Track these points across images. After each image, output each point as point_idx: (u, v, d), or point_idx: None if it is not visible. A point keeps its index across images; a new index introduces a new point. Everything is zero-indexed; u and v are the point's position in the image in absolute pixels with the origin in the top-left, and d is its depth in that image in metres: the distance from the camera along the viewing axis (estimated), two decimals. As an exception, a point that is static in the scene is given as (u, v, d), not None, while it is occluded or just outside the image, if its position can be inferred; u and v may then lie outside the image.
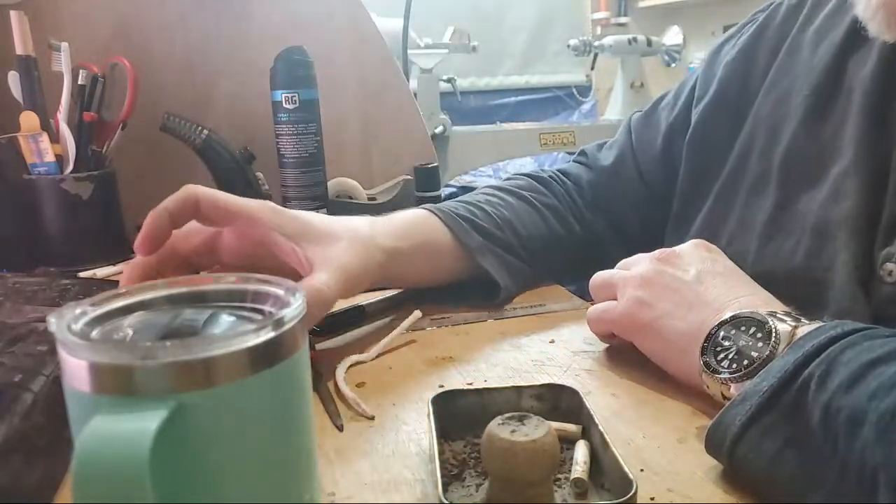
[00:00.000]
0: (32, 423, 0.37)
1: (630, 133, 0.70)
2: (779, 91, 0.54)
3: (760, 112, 0.55)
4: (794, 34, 0.55)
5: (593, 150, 0.74)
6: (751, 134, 0.55)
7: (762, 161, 0.53)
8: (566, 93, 2.66)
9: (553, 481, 0.34)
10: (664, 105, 0.68)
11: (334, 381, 0.46)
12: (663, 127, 0.66)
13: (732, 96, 0.58)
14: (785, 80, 0.54)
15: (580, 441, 0.36)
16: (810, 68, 0.51)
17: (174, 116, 0.92)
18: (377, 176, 1.11)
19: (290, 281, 0.31)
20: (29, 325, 0.49)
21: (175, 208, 0.47)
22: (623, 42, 2.10)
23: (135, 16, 0.98)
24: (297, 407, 0.29)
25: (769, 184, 0.52)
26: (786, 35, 0.55)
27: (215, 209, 0.48)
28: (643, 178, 0.67)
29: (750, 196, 0.54)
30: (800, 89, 0.52)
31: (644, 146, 0.68)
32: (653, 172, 0.67)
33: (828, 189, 0.47)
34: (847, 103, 0.48)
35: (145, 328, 0.29)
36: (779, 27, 0.57)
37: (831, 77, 0.50)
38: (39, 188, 0.79)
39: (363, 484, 0.35)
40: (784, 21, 0.56)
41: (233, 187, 0.94)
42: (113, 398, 0.24)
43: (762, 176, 0.53)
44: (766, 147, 0.53)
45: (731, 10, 2.31)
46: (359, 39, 1.09)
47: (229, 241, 0.50)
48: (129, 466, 0.22)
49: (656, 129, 0.67)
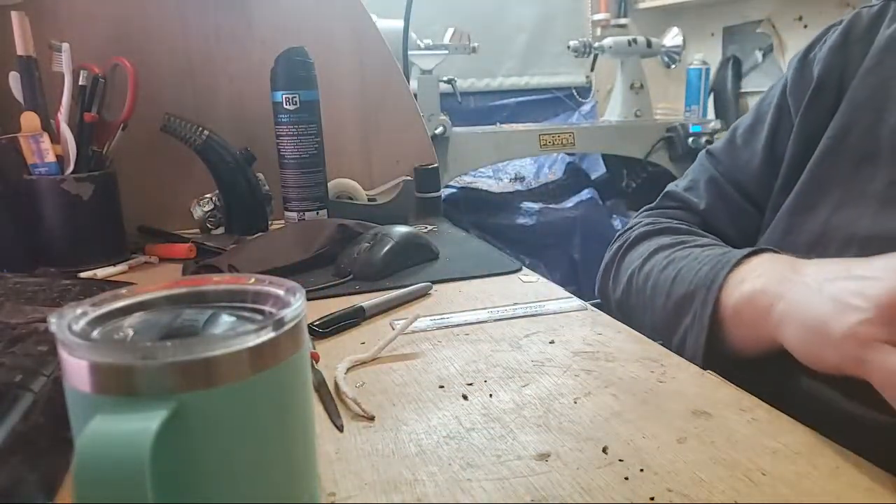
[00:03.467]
0: (33, 423, 0.37)
1: (712, 166, 0.70)
2: (876, 78, 0.57)
3: (856, 97, 0.58)
4: (883, 32, 0.59)
5: (679, 194, 0.72)
6: (848, 116, 0.58)
7: (867, 139, 0.56)
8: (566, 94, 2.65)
9: None
10: (745, 131, 0.68)
11: (334, 381, 0.46)
12: (758, 148, 0.66)
13: (830, 86, 0.61)
14: (880, 68, 0.57)
15: None
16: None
17: (175, 117, 0.92)
18: (377, 177, 1.12)
19: (290, 281, 0.31)
20: (29, 326, 0.49)
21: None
22: (623, 43, 2.10)
23: (135, 17, 0.98)
24: (298, 407, 0.29)
25: (879, 158, 0.55)
26: (874, 35, 0.60)
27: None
28: (749, 200, 0.67)
29: (856, 170, 0.56)
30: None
31: (737, 172, 0.68)
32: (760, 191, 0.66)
33: None
34: None
35: (146, 328, 0.29)
36: (865, 31, 0.61)
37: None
38: (40, 188, 0.79)
39: (363, 484, 0.35)
40: (870, 26, 0.61)
41: (233, 188, 0.94)
42: (113, 398, 0.24)
43: (870, 152, 0.55)
44: (870, 126, 0.56)
45: (731, 11, 2.31)
46: (359, 40, 1.10)
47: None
48: (130, 466, 0.22)
49: (750, 151, 0.67)
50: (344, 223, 0.80)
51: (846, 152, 0.57)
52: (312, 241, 0.78)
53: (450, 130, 1.77)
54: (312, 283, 0.70)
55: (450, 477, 0.35)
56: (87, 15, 0.95)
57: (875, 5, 0.61)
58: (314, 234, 0.79)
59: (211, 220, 0.96)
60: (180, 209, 0.97)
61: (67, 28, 0.92)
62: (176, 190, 1.00)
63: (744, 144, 0.68)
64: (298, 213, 0.92)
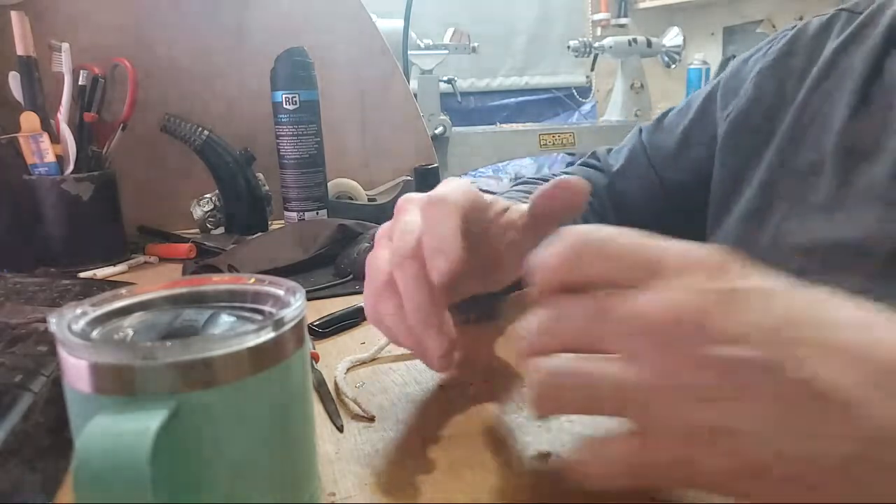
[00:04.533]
0: (33, 423, 0.37)
1: (640, 138, 0.74)
2: (822, 91, 0.58)
3: (804, 110, 0.59)
4: (831, 44, 0.60)
5: (604, 155, 0.77)
6: (794, 128, 0.59)
7: (813, 152, 0.57)
8: (566, 94, 2.66)
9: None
10: (674, 113, 0.72)
11: (334, 381, 0.46)
12: (678, 131, 0.70)
13: (769, 97, 0.62)
14: (827, 82, 0.58)
15: None
16: (851, 69, 0.56)
17: (174, 117, 0.92)
18: (377, 177, 1.11)
19: (289, 281, 0.31)
20: (29, 326, 0.49)
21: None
22: (623, 43, 2.10)
23: (135, 16, 0.98)
24: (298, 407, 0.29)
25: (824, 168, 0.56)
26: (821, 45, 0.60)
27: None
28: (658, 175, 0.71)
29: (802, 182, 0.57)
30: (844, 87, 0.56)
31: (657, 146, 0.72)
32: (667, 170, 0.70)
33: (891, 161, 0.51)
34: (891, 94, 0.53)
35: (146, 328, 0.29)
36: (811, 39, 0.61)
37: (873, 74, 0.55)
38: (40, 189, 0.79)
39: (363, 484, 0.35)
40: (817, 35, 0.61)
41: (233, 188, 0.94)
42: (113, 398, 0.24)
43: (815, 164, 0.57)
44: (816, 139, 0.57)
45: (731, 11, 2.31)
46: (359, 40, 1.10)
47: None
48: (130, 466, 0.22)
49: (669, 132, 0.71)
50: (344, 223, 0.80)
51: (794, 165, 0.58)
52: (312, 241, 0.78)
53: (450, 130, 1.77)
54: (312, 283, 0.70)
55: (450, 478, 0.35)
56: (87, 15, 0.95)
57: (825, 15, 0.62)
58: (314, 235, 0.79)
59: (211, 220, 0.96)
60: (180, 209, 0.97)
61: (67, 28, 0.92)
62: (176, 190, 1.00)
63: (668, 127, 0.72)
64: (298, 213, 0.92)
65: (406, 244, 0.38)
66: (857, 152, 0.54)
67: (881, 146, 0.53)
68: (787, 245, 0.56)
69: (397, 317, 0.39)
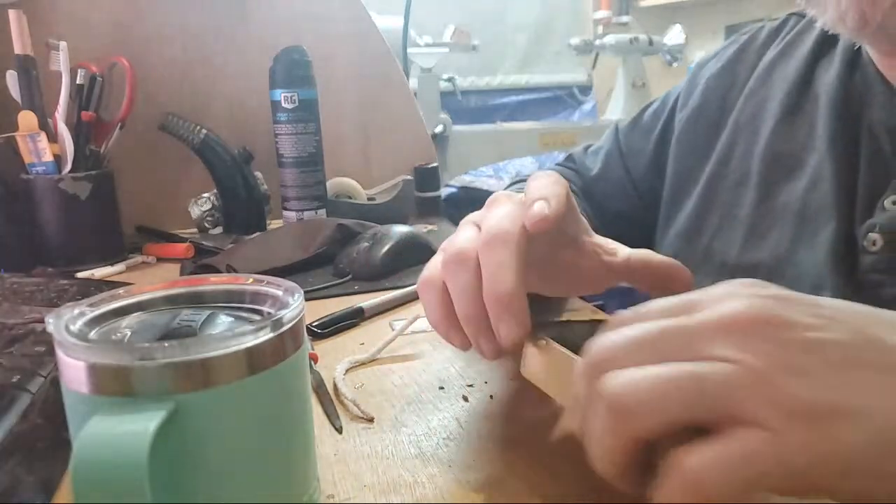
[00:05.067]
0: (31, 423, 0.37)
1: (617, 139, 0.72)
2: (757, 99, 0.58)
3: (740, 119, 0.59)
4: (771, 51, 0.59)
5: (581, 156, 0.76)
6: (731, 138, 0.59)
7: (743, 162, 0.57)
8: (567, 92, 2.65)
9: None
10: (651, 113, 0.70)
11: (333, 382, 0.46)
12: (654, 134, 0.68)
13: (713, 106, 0.61)
14: (762, 89, 0.58)
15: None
16: (784, 77, 0.56)
17: (173, 116, 0.92)
18: (377, 176, 1.11)
19: (288, 281, 0.31)
20: (27, 326, 0.49)
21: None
22: (624, 41, 2.10)
23: (134, 15, 0.98)
24: (296, 408, 0.29)
25: (750, 181, 0.55)
26: (764, 53, 0.60)
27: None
28: (633, 181, 0.69)
29: (732, 195, 0.57)
30: (775, 96, 0.56)
31: (634, 150, 0.70)
32: (643, 176, 0.68)
33: (807, 179, 0.51)
34: (816, 104, 0.52)
35: (143, 329, 0.28)
36: (760, 47, 0.61)
37: (802, 82, 0.54)
38: (37, 188, 0.79)
39: (362, 486, 0.34)
40: (764, 42, 0.61)
41: (231, 187, 0.94)
42: (111, 399, 0.24)
43: (743, 175, 0.56)
44: (746, 149, 0.57)
45: (733, 9, 2.31)
46: (358, 38, 1.09)
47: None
48: (128, 467, 0.22)
49: (646, 135, 0.69)
50: (343, 223, 0.80)
51: (727, 176, 0.57)
52: (311, 240, 0.78)
53: (450, 129, 1.77)
54: (311, 283, 0.70)
55: (450, 479, 0.35)
56: (86, 14, 0.95)
57: (778, 20, 0.61)
58: (313, 234, 0.79)
59: (209, 220, 0.96)
60: (178, 209, 0.97)
61: (65, 27, 0.92)
62: (174, 189, 1.00)
63: (645, 127, 0.70)
64: (297, 213, 0.91)
65: (500, 225, 0.36)
66: (780, 165, 0.53)
67: (802, 161, 0.52)
68: (716, 262, 0.55)
69: (469, 294, 0.36)
